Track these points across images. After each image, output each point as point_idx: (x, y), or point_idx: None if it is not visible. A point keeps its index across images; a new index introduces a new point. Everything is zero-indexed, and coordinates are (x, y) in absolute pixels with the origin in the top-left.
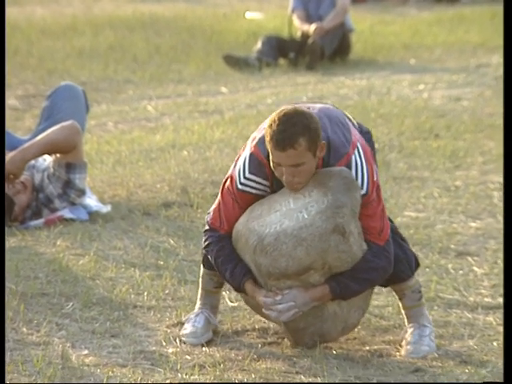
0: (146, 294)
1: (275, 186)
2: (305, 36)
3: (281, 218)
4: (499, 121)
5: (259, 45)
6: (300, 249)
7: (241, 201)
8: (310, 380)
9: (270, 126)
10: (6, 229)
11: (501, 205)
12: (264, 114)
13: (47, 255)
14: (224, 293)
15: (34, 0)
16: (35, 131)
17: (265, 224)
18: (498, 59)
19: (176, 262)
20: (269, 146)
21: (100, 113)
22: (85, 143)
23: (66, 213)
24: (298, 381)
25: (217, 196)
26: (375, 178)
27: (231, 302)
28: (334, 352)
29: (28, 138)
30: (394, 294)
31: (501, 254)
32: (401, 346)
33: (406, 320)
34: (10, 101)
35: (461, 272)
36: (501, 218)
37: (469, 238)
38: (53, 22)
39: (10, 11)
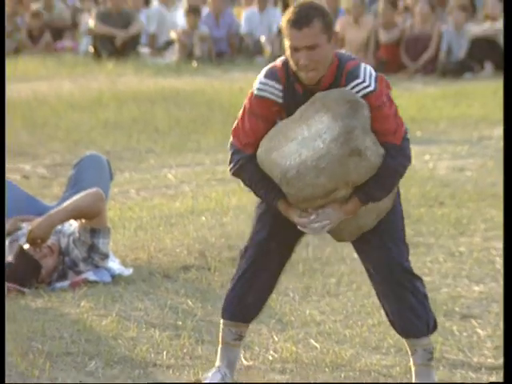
0: (165, 353)
1: (287, 92)
2: None
3: (298, 147)
4: (501, 190)
5: None
6: (322, 177)
7: (258, 109)
8: None
9: (287, 14)
10: (33, 290)
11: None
12: None
13: (72, 316)
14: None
15: (62, 75)
16: (62, 198)
17: (284, 155)
18: (499, 132)
19: (194, 322)
20: (286, 32)
21: (123, 181)
22: (108, 209)
23: (90, 275)
24: None
25: (233, 260)
26: (384, 85)
27: (246, 360)
28: None
29: (55, 204)
30: (401, 354)
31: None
32: None
33: (413, 377)
34: (38, 169)
35: (465, 334)
36: (503, 283)
37: (472, 301)
38: (80, 96)
39: (39, 85)
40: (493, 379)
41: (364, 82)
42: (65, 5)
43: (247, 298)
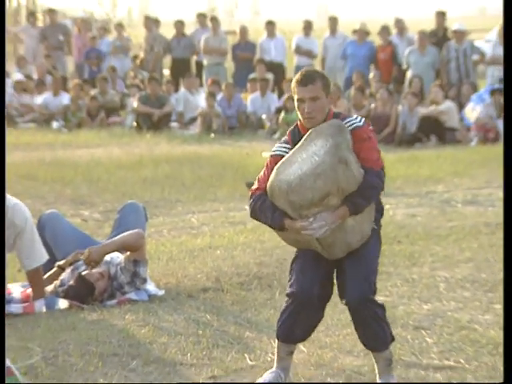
0: (189, 354)
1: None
2: None
3: (299, 166)
4: (444, 232)
5: None
6: (319, 181)
7: (272, 164)
8: None
9: (296, 76)
10: (90, 306)
11: (445, 292)
12: None
13: (118, 326)
14: (245, 354)
15: (112, 143)
16: (109, 237)
17: (289, 174)
18: (442, 188)
19: (211, 331)
20: (295, 90)
21: (158, 223)
22: (146, 244)
23: (133, 295)
24: None
25: (241, 284)
26: (370, 128)
27: (250, 361)
28: None
29: (105, 241)
30: (369, 356)
31: (446, 329)
32: None
33: (377, 377)
34: (94, 215)
35: (416, 341)
36: (446, 302)
37: (422, 316)
38: (125, 159)
39: (95, 151)
40: (438, 376)
41: (356, 119)
42: (115, 91)
43: (295, 331)
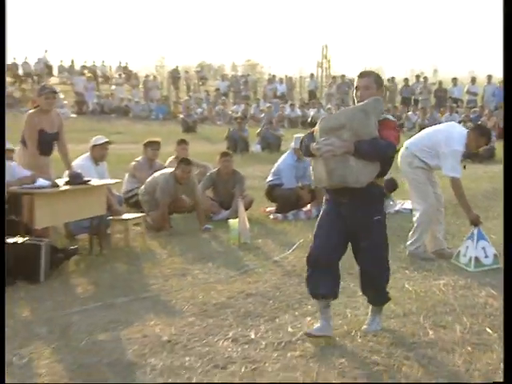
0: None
1: None
2: None
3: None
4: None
5: None
6: (341, 115)
7: None
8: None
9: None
10: None
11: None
12: None
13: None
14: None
15: None
16: None
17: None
18: None
19: None
20: (355, 80)
21: None
22: None
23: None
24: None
25: None
26: (396, 125)
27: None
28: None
29: None
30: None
31: None
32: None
33: (369, 313)
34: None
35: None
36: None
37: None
38: None
39: None
40: (482, 294)
41: (392, 117)
42: None
43: (319, 289)
